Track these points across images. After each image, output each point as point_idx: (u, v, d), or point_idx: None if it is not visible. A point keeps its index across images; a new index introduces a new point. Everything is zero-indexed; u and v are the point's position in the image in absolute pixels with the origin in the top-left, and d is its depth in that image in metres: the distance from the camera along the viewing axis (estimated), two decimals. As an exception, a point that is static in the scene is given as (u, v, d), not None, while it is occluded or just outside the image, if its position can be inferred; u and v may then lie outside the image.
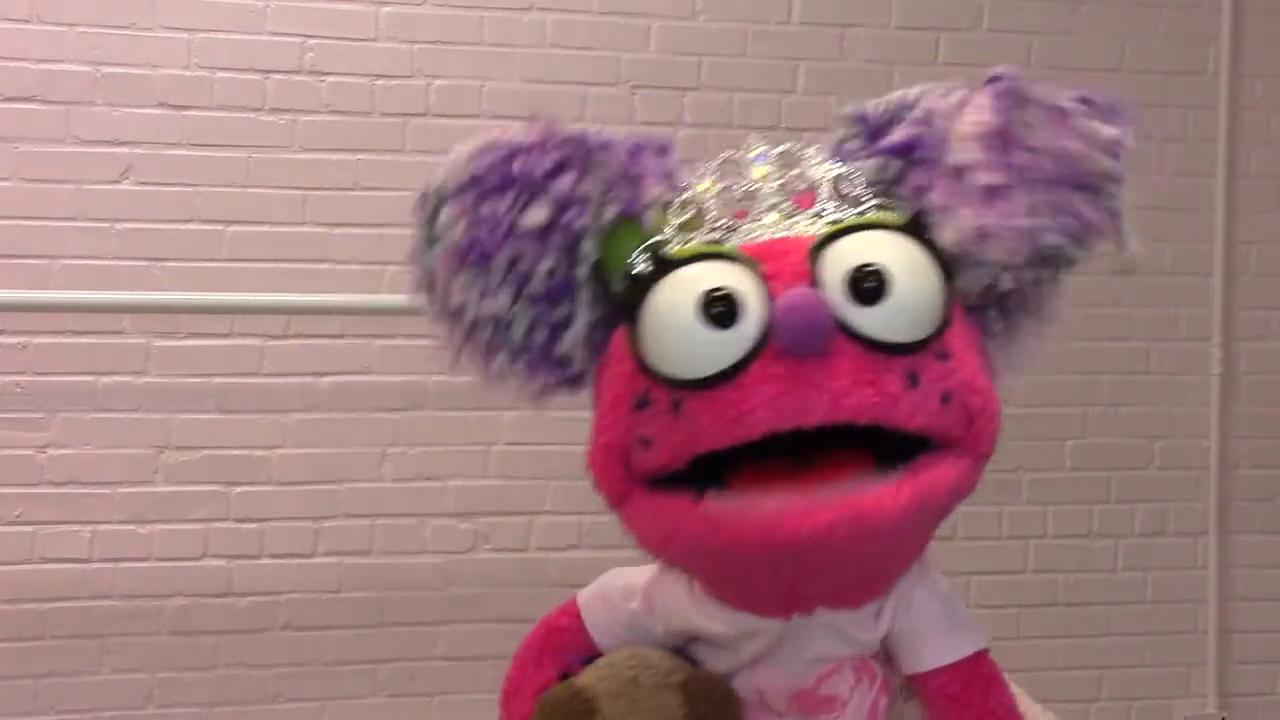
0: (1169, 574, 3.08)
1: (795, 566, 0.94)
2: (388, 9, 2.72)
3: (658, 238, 1.01)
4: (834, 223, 1.00)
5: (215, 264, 2.65)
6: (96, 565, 2.62)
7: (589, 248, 1.00)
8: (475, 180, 1.01)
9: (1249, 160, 3.12)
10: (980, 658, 1.09)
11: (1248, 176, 3.12)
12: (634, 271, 0.99)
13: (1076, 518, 3.04)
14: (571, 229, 0.99)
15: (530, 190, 1.00)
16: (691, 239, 1.01)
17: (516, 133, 1.03)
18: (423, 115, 2.72)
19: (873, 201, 1.02)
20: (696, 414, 0.93)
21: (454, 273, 1.01)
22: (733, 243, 1.00)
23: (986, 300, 1.04)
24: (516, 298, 1.00)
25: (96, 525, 2.62)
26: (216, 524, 2.66)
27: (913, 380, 0.93)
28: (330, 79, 2.70)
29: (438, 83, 2.74)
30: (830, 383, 0.91)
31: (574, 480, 3.02)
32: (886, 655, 1.10)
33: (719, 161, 1.06)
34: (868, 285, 0.93)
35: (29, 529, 2.60)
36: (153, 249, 2.63)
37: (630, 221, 1.01)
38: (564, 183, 1.00)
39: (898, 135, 1.03)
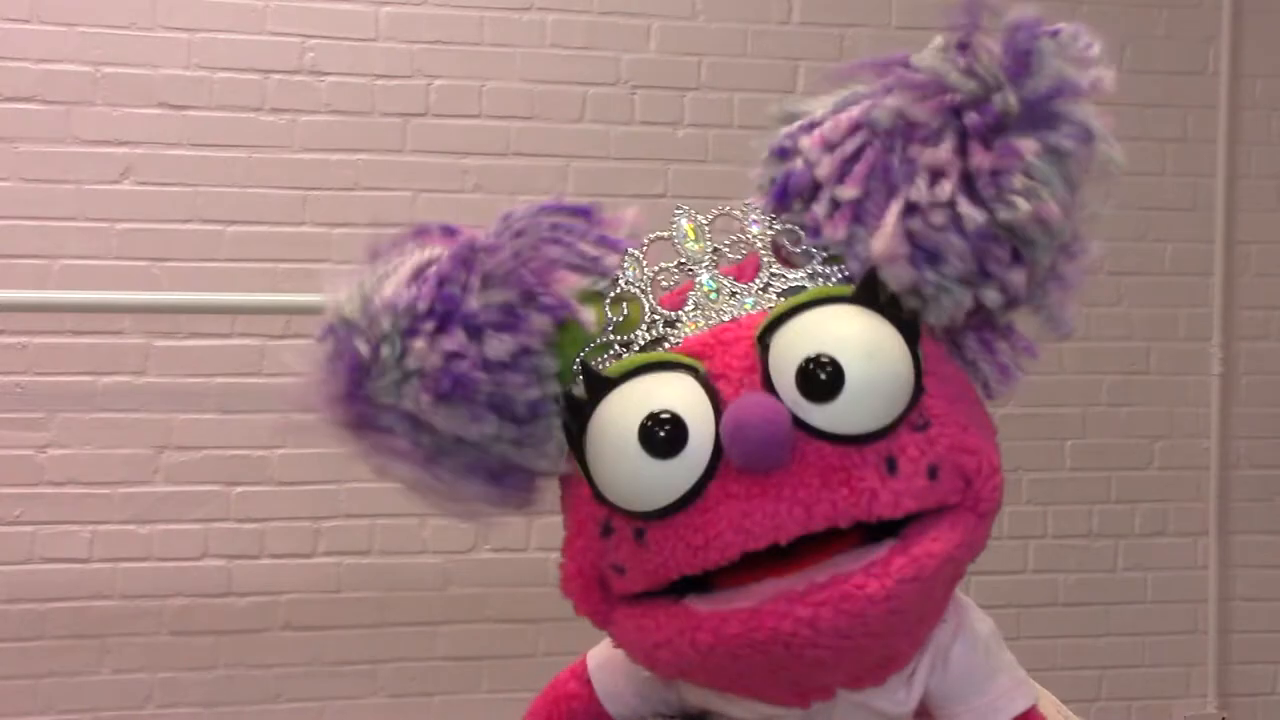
0: (1169, 574, 3.08)
1: (788, 661, 0.85)
2: (388, 9, 2.73)
3: (600, 339, 0.91)
4: (784, 292, 0.90)
5: (215, 264, 2.65)
6: (96, 565, 2.62)
7: (549, 363, 0.91)
8: (424, 315, 0.90)
9: (1249, 160, 3.12)
10: (1027, 717, 1.01)
11: (1248, 176, 3.12)
12: (570, 395, 0.90)
13: (1076, 518, 3.04)
14: (530, 350, 0.90)
15: (473, 320, 0.90)
16: (634, 335, 0.91)
17: (431, 254, 0.94)
18: (423, 115, 2.73)
19: (820, 256, 0.91)
20: (661, 542, 0.85)
21: (433, 406, 0.91)
22: (675, 336, 0.91)
23: (974, 319, 0.94)
24: (501, 421, 0.91)
25: (96, 525, 2.62)
26: (216, 524, 2.66)
27: (891, 467, 0.84)
28: (330, 79, 2.70)
29: (438, 83, 2.74)
30: (798, 492, 0.82)
31: (574, 480, 3.00)
32: (922, 712, 1.02)
33: (647, 243, 0.95)
34: (822, 378, 0.82)
35: (29, 529, 2.60)
36: (153, 249, 2.63)
37: (567, 327, 0.91)
38: (493, 309, 0.89)
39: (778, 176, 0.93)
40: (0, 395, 2.59)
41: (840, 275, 0.90)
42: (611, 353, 0.91)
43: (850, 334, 0.85)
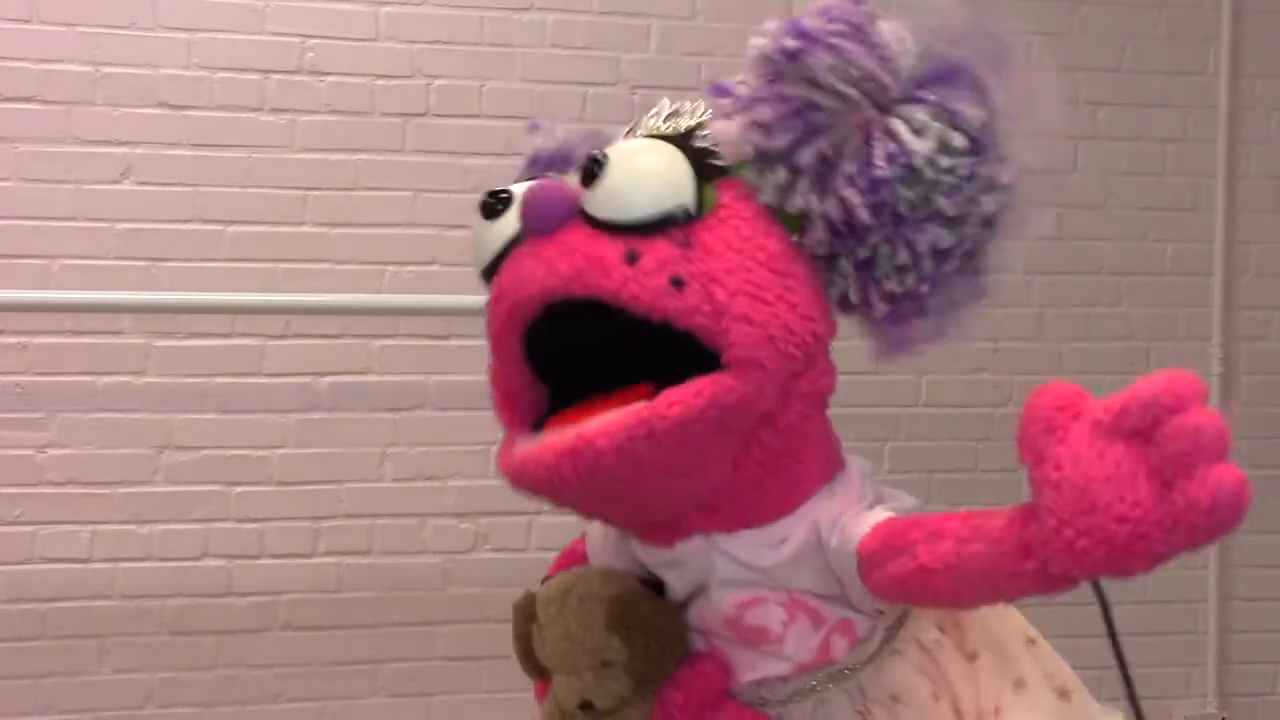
0: (1169, 574, 3.06)
1: (567, 498, 1.02)
2: (388, 9, 2.72)
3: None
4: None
5: (215, 264, 2.65)
6: (96, 565, 2.62)
7: None
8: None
9: (1249, 160, 3.12)
10: (891, 522, 1.05)
11: (1248, 176, 3.12)
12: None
13: (1076, 518, 3.04)
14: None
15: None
16: None
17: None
18: (423, 115, 2.72)
19: (700, 136, 1.09)
20: (490, 299, 1.06)
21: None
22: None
23: (905, 265, 1.03)
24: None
25: (96, 525, 2.62)
26: (216, 524, 2.66)
27: (630, 258, 0.98)
28: (330, 79, 2.70)
29: (438, 83, 2.74)
30: (551, 253, 0.99)
31: (574, 480, 2.99)
32: (842, 597, 1.08)
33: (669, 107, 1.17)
34: (588, 169, 1.01)
35: (29, 529, 2.60)
36: (153, 249, 2.63)
37: None
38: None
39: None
40: (0, 395, 2.59)
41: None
42: None
43: (630, 149, 1.05)
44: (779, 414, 1.02)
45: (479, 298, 1.10)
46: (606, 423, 0.95)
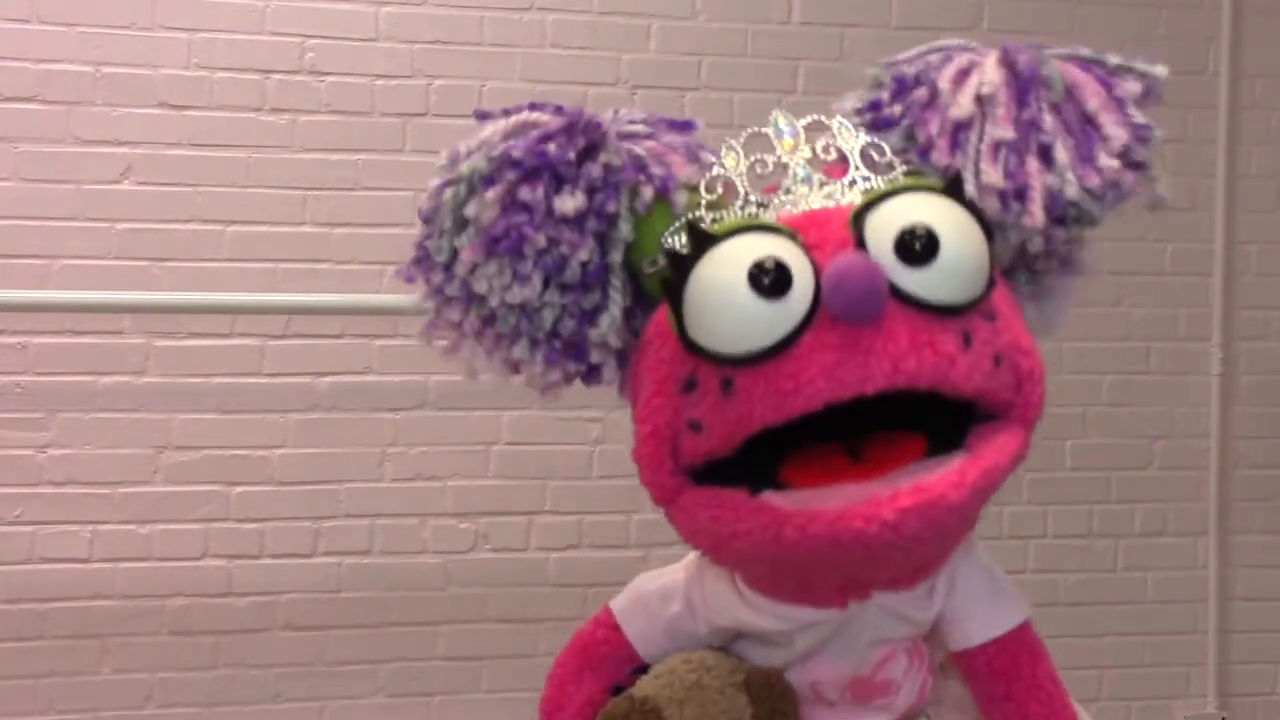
0: (1169, 574, 3.08)
1: (862, 560, 0.92)
2: (388, 9, 2.73)
3: (689, 217, 0.98)
4: (869, 191, 0.97)
5: (215, 264, 2.65)
6: (96, 565, 2.62)
7: (625, 230, 0.97)
8: (511, 164, 0.97)
9: (1249, 160, 3.12)
10: (1025, 629, 1.09)
11: (1248, 176, 3.12)
12: (674, 250, 0.96)
13: (1076, 518, 3.04)
14: (605, 213, 0.97)
15: (563, 175, 0.96)
16: (727, 214, 0.98)
17: (540, 116, 1.01)
18: (423, 115, 2.73)
19: (902, 168, 1.00)
20: (749, 390, 0.90)
21: (482, 260, 0.97)
22: (770, 215, 0.97)
23: (1017, 263, 1.03)
24: (547, 285, 0.97)
25: (96, 525, 2.62)
26: (216, 524, 2.66)
27: (967, 341, 0.90)
28: (330, 79, 2.70)
29: (438, 83, 2.74)
30: (888, 347, 0.88)
31: (574, 480, 3.03)
32: (931, 632, 1.09)
33: (745, 136, 1.01)
34: (919, 245, 0.89)
35: (29, 529, 2.60)
36: (153, 249, 2.63)
37: (661, 203, 0.98)
38: (596, 167, 0.97)
39: (897, 105, 1.03)
40: (0, 395, 2.59)
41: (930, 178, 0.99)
42: (704, 225, 0.97)
43: (942, 214, 0.92)
44: None
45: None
46: (948, 477, 0.89)
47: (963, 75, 1.00)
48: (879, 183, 0.98)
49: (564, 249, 0.96)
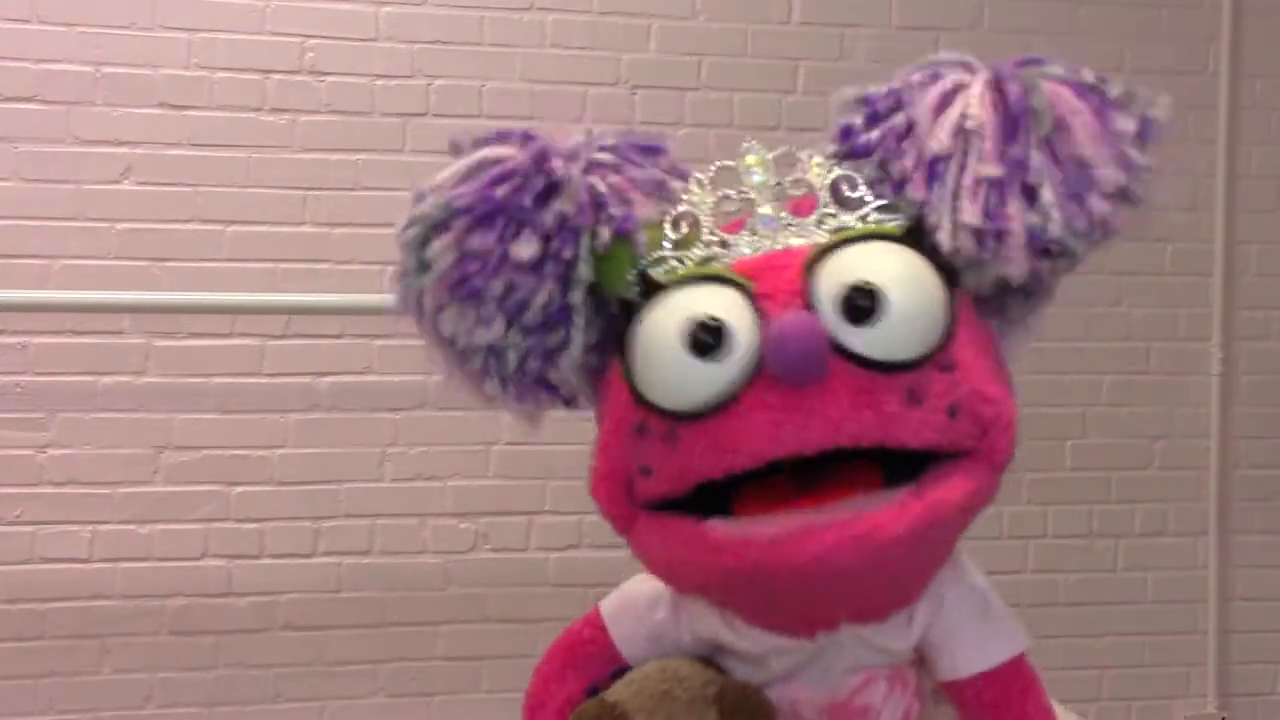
0: (1169, 574, 3.08)
1: (802, 590, 0.91)
2: (388, 9, 2.72)
3: (654, 255, 0.97)
4: (835, 230, 0.95)
5: (215, 264, 2.65)
6: (96, 565, 2.62)
7: (584, 272, 0.96)
8: (461, 211, 0.96)
9: (1249, 160, 3.12)
10: (1018, 663, 1.06)
11: (1248, 176, 3.12)
12: (626, 296, 0.96)
13: (1076, 518, 3.04)
14: (563, 257, 0.95)
15: (519, 219, 0.95)
16: (689, 254, 0.97)
17: (500, 153, 0.98)
18: (423, 115, 2.72)
19: (874, 204, 0.96)
20: (691, 444, 0.90)
21: (443, 304, 0.97)
22: (729, 258, 0.96)
23: (1001, 291, 0.99)
24: (509, 328, 0.97)
25: (96, 525, 2.62)
26: (216, 524, 2.66)
27: (914, 398, 0.88)
28: (330, 79, 2.70)
29: (438, 83, 2.74)
30: (827, 409, 0.87)
31: (574, 480, 3.01)
32: (919, 659, 1.07)
33: (713, 170, 1.00)
34: (860, 304, 0.88)
35: (29, 529, 2.60)
36: (153, 249, 2.63)
37: (623, 241, 0.97)
38: (552, 211, 0.95)
39: (873, 132, 0.97)
40: (0, 395, 2.59)
41: (891, 223, 0.95)
42: (666, 267, 0.96)
43: (893, 267, 0.90)
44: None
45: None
46: (886, 512, 0.88)
47: (944, 102, 0.94)
48: (848, 219, 0.95)
49: (523, 294, 0.95)
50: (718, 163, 1.00)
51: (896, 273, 0.90)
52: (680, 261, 0.96)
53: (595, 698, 1.07)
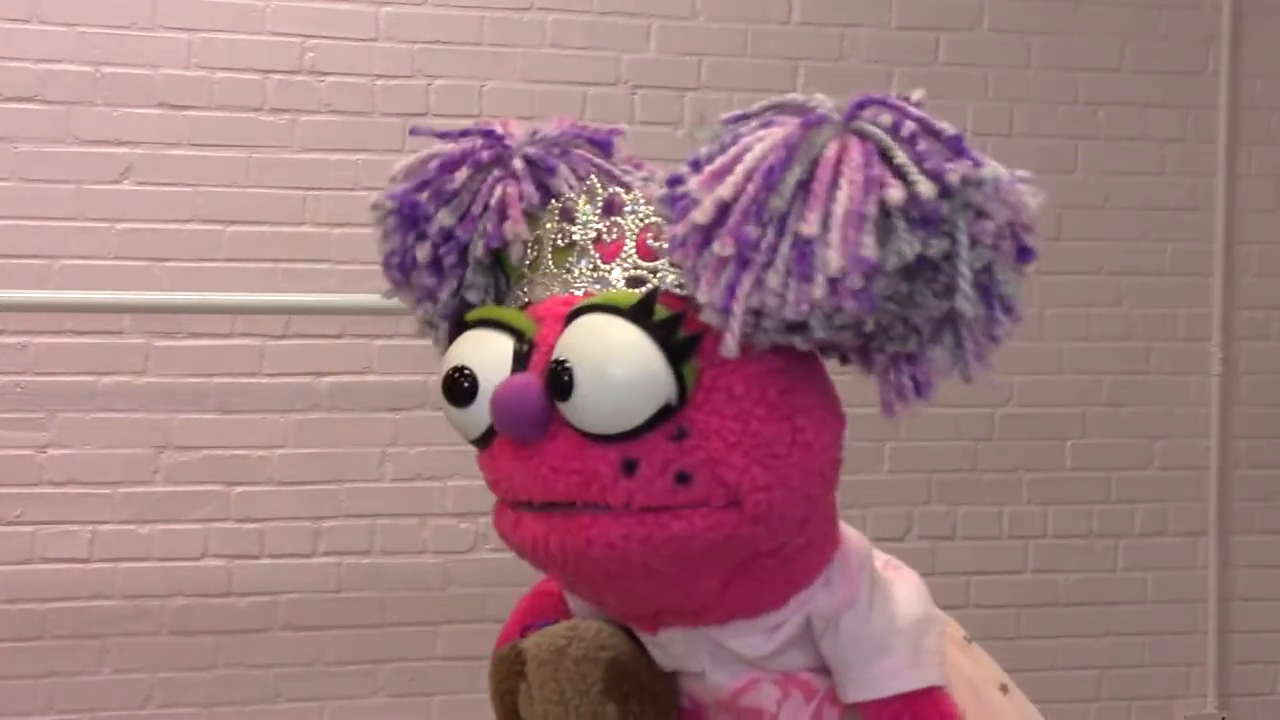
0: (1169, 574, 3.08)
1: (557, 574, 1.00)
2: (388, 9, 2.72)
3: (519, 270, 1.03)
4: (628, 280, 0.95)
5: (215, 264, 2.65)
6: (96, 565, 2.62)
7: (469, 277, 1.05)
8: (388, 211, 1.05)
9: (1249, 160, 3.12)
10: (913, 699, 1.02)
11: (1248, 176, 3.12)
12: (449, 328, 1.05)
13: (1076, 518, 3.04)
14: (446, 264, 1.04)
15: (419, 226, 1.05)
16: (530, 280, 1.02)
17: (447, 146, 1.06)
18: (423, 115, 2.72)
19: (668, 258, 0.94)
20: (482, 464, 1.02)
21: (394, 284, 1.10)
22: (535, 296, 0.99)
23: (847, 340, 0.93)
24: (433, 313, 1.08)
25: (96, 525, 2.62)
26: (216, 524, 2.66)
27: (627, 467, 0.91)
28: (330, 79, 2.70)
29: (438, 83, 2.74)
30: (540, 467, 0.93)
31: (574, 480, 2.99)
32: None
33: (563, 199, 1.02)
34: (561, 380, 0.90)
35: (29, 529, 2.60)
36: (153, 249, 2.63)
37: (502, 252, 1.04)
38: (438, 221, 1.04)
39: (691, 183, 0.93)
40: (0, 395, 2.59)
41: (636, 290, 0.95)
42: (523, 287, 1.02)
43: (594, 349, 0.91)
44: (791, 540, 0.98)
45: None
46: (608, 525, 0.92)
47: (721, 173, 0.89)
48: (646, 269, 0.95)
49: (429, 289, 1.06)
50: (563, 197, 1.02)
51: (595, 353, 0.90)
52: (524, 288, 1.02)
53: (511, 643, 1.13)
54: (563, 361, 0.91)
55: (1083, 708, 3.02)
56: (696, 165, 0.91)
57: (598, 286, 0.97)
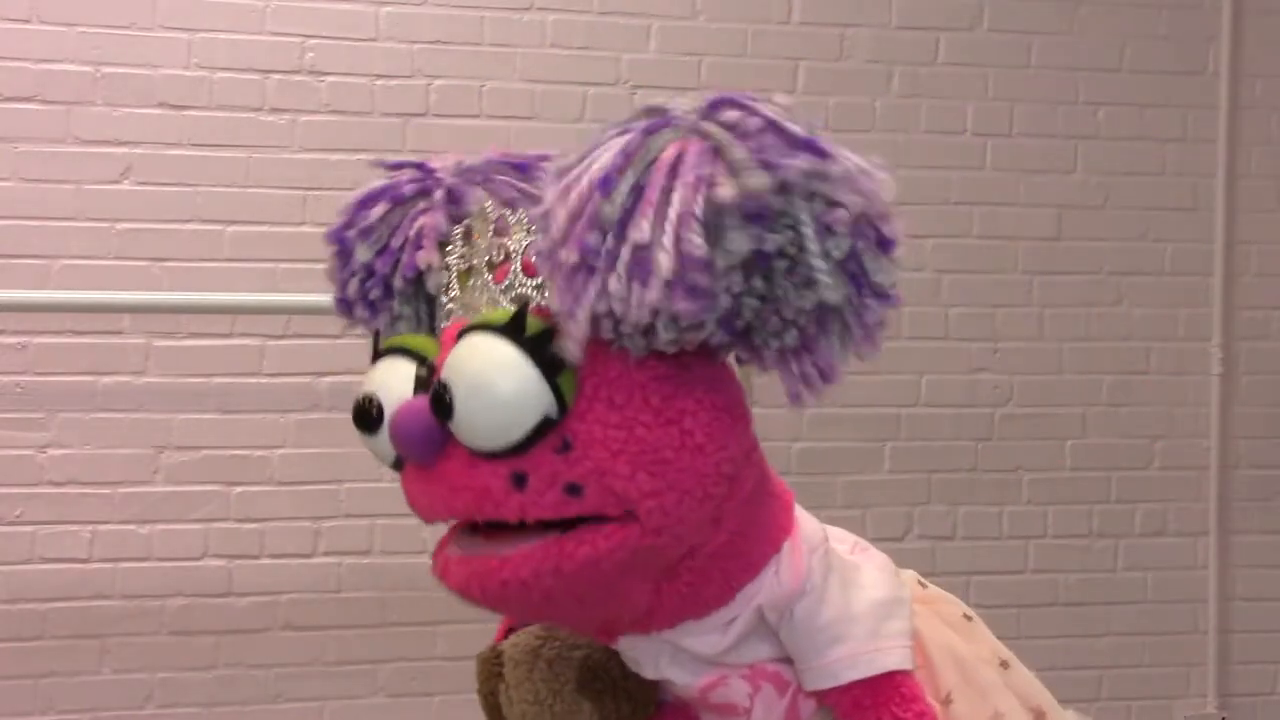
0: (1169, 574, 3.08)
1: (493, 607, 1.00)
2: (388, 9, 2.73)
3: (441, 296, 1.07)
4: (513, 300, 0.97)
5: (215, 264, 2.65)
6: (96, 565, 2.62)
7: (396, 308, 1.09)
8: (329, 248, 1.14)
9: (1249, 160, 3.12)
10: (874, 684, 1.03)
11: (1248, 176, 3.12)
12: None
13: (1076, 518, 3.04)
14: (371, 296, 1.10)
15: (349, 260, 1.12)
16: (445, 305, 1.05)
17: (371, 188, 1.13)
18: (423, 115, 2.73)
19: (534, 282, 0.97)
20: (403, 486, 1.03)
21: (341, 316, 1.15)
22: (450, 319, 1.03)
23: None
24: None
25: (96, 525, 2.62)
26: (216, 524, 2.66)
27: (519, 481, 0.92)
28: (330, 79, 2.70)
29: (438, 83, 2.74)
30: (437, 487, 0.95)
31: (574, 480, 2.99)
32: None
33: (460, 230, 1.05)
34: (442, 400, 0.92)
35: (29, 529, 2.60)
36: (153, 249, 2.63)
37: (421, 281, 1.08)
38: (357, 256, 1.10)
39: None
40: (0, 395, 2.59)
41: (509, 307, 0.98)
42: (443, 313, 1.06)
43: (469, 368, 0.92)
44: (708, 539, 0.98)
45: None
46: (516, 554, 0.92)
47: (571, 185, 0.90)
48: (530, 287, 0.97)
49: (365, 322, 1.12)
50: (465, 223, 1.05)
51: (471, 371, 0.92)
52: (438, 313, 1.06)
53: (494, 644, 1.16)
54: (443, 382, 0.92)
55: (1083, 708, 3.01)
56: (556, 180, 0.92)
57: (491, 307, 0.99)
